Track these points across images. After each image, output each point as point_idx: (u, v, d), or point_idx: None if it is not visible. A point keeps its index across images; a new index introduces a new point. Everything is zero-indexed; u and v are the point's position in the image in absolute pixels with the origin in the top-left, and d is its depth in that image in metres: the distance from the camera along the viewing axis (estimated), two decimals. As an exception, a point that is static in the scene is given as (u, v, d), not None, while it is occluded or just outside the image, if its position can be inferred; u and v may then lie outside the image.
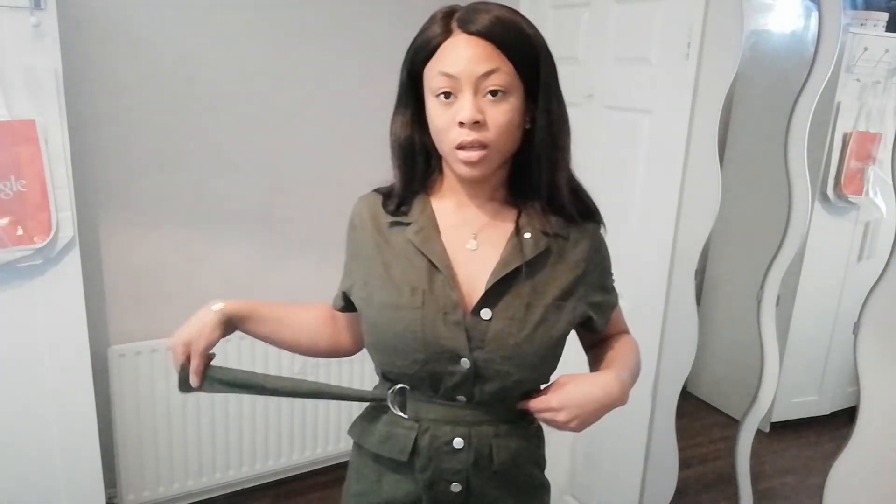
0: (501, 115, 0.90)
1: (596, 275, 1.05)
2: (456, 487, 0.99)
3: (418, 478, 1.00)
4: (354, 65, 2.32)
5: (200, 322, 1.05)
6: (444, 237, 0.99)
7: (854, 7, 1.80)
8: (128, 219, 2.07)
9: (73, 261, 1.72)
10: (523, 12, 1.06)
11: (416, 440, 0.99)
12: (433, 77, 0.91)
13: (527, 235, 0.98)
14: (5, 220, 1.59)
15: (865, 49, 1.79)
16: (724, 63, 1.58)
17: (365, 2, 2.28)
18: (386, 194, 1.06)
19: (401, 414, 1.01)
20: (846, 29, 1.67)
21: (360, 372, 2.50)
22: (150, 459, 2.18)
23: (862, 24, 1.80)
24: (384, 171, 1.31)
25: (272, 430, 2.38)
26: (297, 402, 2.40)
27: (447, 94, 0.90)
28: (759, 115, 2.10)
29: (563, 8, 2.03)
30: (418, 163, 1.01)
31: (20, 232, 1.61)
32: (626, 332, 1.20)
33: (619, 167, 1.88)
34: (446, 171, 1.02)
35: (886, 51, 1.79)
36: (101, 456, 1.89)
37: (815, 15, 1.50)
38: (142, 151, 2.04)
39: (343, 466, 1.29)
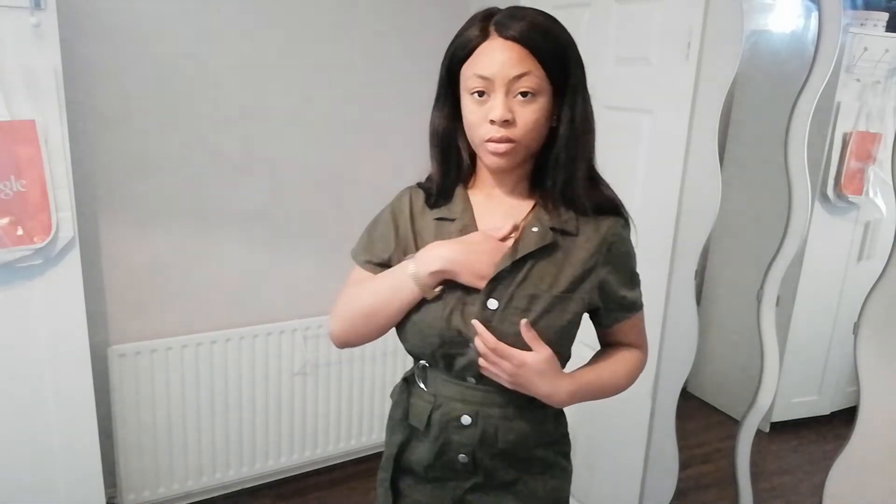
0: (530, 114, 0.97)
1: (609, 272, 1.06)
2: (463, 459, 1.08)
3: (431, 446, 1.10)
4: (355, 65, 2.32)
5: None
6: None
7: (854, 7, 1.80)
8: (128, 219, 2.07)
9: (73, 261, 1.72)
10: None
11: (430, 413, 1.09)
12: (469, 77, 0.98)
13: (535, 229, 1.03)
14: (5, 220, 1.59)
15: (865, 49, 1.79)
16: (724, 63, 1.58)
17: (366, 2, 2.28)
18: (426, 189, 1.12)
19: (422, 387, 1.11)
20: (846, 29, 1.67)
21: (360, 374, 2.50)
22: (150, 459, 2.18)
23: (862, 24, 1.80)
24: (384, 171, 1.31)
25: (272, 430, 2.38)
26: (297, 401, 2.40)
27: (481, 93, 0.97)
28: (759, 115, 2.10)
29: (563, 8, 2.03)
30: (452, 155, 1.08)
31: (20, 232, 1.61)
32: (637, 346, 1.18)
33: (619, 167, 1.88)
34: (479, 164, 1.08)
35: (886, 51, 1.79)
36: (101, 456, 1.89)
37: (815, 15, 1.50)
38: (142, 151, 2.04)
39: (343, 466, 1.30)
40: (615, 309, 1.09)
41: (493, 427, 1.06)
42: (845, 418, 1.64)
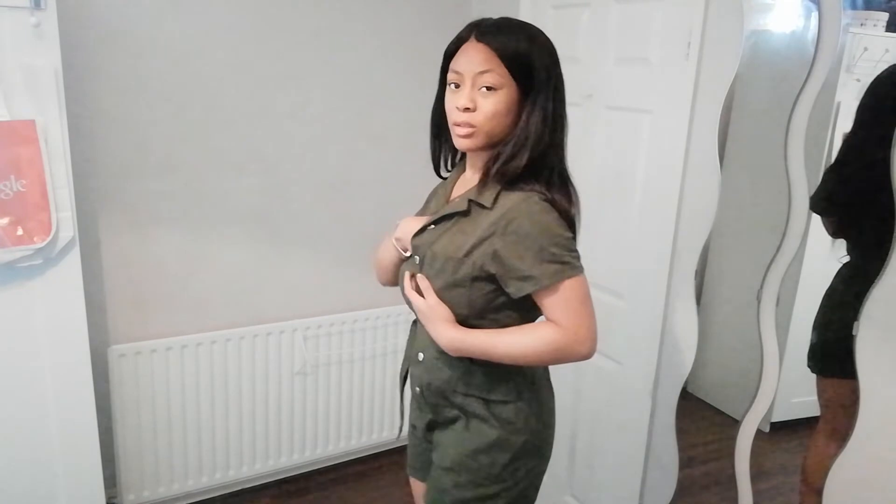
0: (489, 105, 1.15)
1: (504, 244, 1.15)
2: (416, 392, 1.35)
3: (408, 375, 1.39)
4: (356, 65, 2.32)
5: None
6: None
7: (854, 7, 1.81)
8: (128, 219, 2.07)
9: (73, 261, 1.72)
10: (523, 12, 1.09)
11: (407, 347, 1.41)
12: (449, 72, 1.19)
13: (457, 200, 1.25)
14: (5, 220, 1.59)
15: (865, 49, 1.79)
16: (724, 63, 1.58)
17: (365, 3, 2.28)
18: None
19: (414, 327, 1.38)
20: (846, 29, 1.67)
21: (360, 374, 2.50)
22: (150, 459, 2.18)
23: (862, 24, 1.80)
24: (384, 171, 1.33)
25: (272, 430, 2.38)
26: (297, 401, 2.40)
27: (457, 85, 1.17)
28: (759, 115, 2.10)
29: (563, 8, 2.03)
30: (442, 137, 1.30)
31: (20, 232, 1.61)
32: (559, 323, 1.15)
33: (619, 167, 1.88)
34: None
35: (886, 51, 1.79)
36: (101, 456, 1.89)
37: (815, 15, 1.50)
38: (142, 151, 2.04)
39: (343, 466, 1.33)
40: (514, 279, 1.16)
41: (431, 366, 1.28)
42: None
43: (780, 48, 2.01)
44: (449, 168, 1.37)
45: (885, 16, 1.80)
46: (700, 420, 2.67)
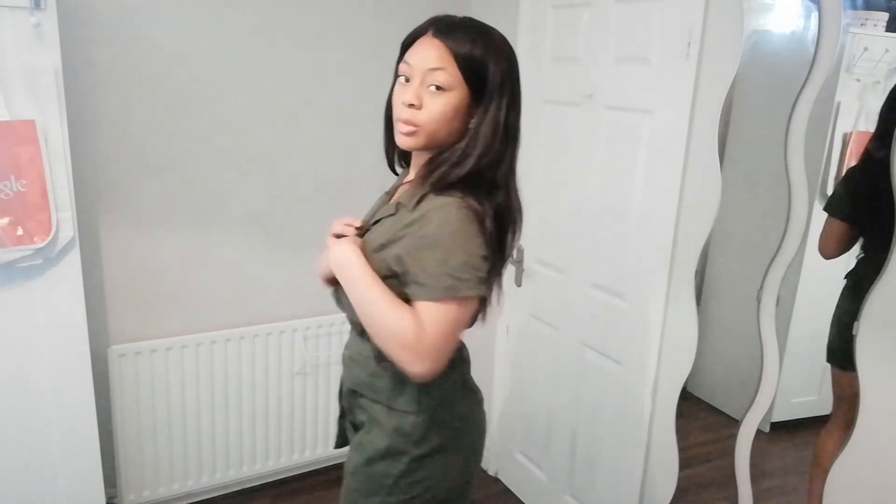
0: (436, 105, 1.09)
1: (406, 246, 1.10)
2: (346, 388, 1.31)
3: None
4: (355, 66, 2.32)
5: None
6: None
7: (854, 7, 1.80)
8: (128, 219, 2.07)
9: (73, 261, 1.72)
10: (523, 13, 1.08)
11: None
12: (402, 63, 1.13)
13: (391, 202, 1.21)
14: (5, 220, 1.59)
15: (865, 49, 1.79)
16: (724, 63, 1.58)
17: (365, 4, 2.28)
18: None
19: None
20: (846, 29, 1.67)
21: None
22: (150, 459, 2.18)
23: (862, 24, 1.80)
24: (384, 171, 1.32)
25: (272, 430, 2.38)
26: (297, 401, 2.40)
27: (407, 79, 1.11)
28: (759, 115, 2.10)
29: (563, 8, 2.03)
30: (393, 132, 1.19)
31: (20, 232, 1.61)
32: (422, 329, 1.05)
33: (619, 167, 1.88)
34: None
35: (886, 51, 1.79)
36: (101, 456, 1.89)
37: (815, 15, 1.50)
38: (142, 151, 2.04)
39: (343, 466, 1.31)
40: (412, 283, 1.07)
41: (348, 365, 1.28)
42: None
43: (780, 48, 2.01)
44: (403, 164, 1.29)
45: (885, 16, 1.80)
46: (700, 420, 2.67)
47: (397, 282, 1.11)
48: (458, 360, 1.26)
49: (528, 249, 2.28)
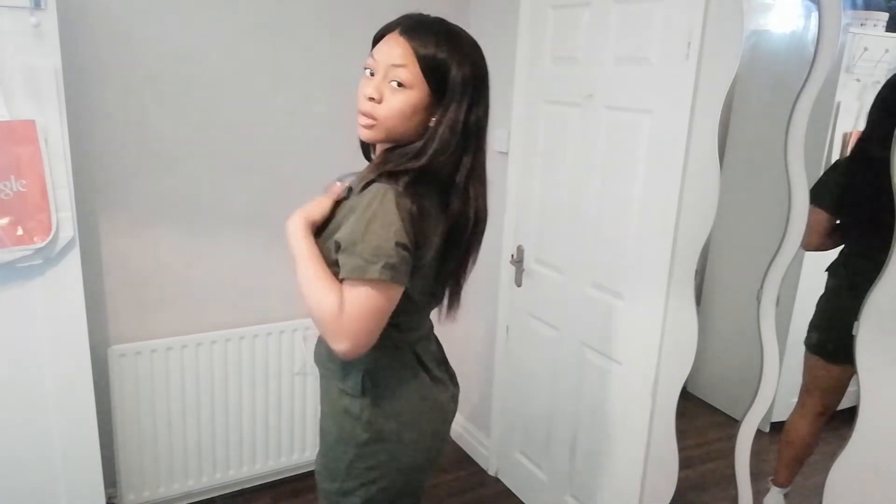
0: (395, 101, 1.12)
1: (343, 229, 1.13)
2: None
3: None
4: (354, 65, 2.31)
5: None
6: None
7: (854, 7, 1.81)
8: (128, 219, 2.07)
9: (73, 261, 1.72)
10: (523, 13, 1.07)
11: None
12: (368, 57, 1.18)
13: (349, 191, 1.23)
14: (5, 220, 1.59)
15: (865, 49, 1.79)
16: (724, 63, 1.58)
17: (366, 4, 2.28)
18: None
19: None
20: (846, 29, 1.67)
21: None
22: (150, 459, 2.18)
23: (862, 24, 1.81)
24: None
25: (272, 430, 2.38)
26: (297, 401, 2.40)
27: (371, 73, 1.16)
28: (759, 115, 2.11)
29: (563, 8, 2.03)
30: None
31: (20, 232, 1.61)
32: (343, 310, 1.09)
33: (619, 167, 1.88)
34: None
35: (886, 51, 1.80)
36: (101, 456, 1.89)
37: (815, 15, 1.51)
38: (142, 151, 2.05)
39: None
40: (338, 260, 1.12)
41: (318, 343, 1.34)
42: (845, 418, 1.64)
43: (780, 48, 2.01)
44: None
45: (885, 16, 1.80)
46: (700, 420, 2.67)
47: (332, 249, 1.16)
48: (406, 346, 1.25)
49: (528, 249, 2.28)
